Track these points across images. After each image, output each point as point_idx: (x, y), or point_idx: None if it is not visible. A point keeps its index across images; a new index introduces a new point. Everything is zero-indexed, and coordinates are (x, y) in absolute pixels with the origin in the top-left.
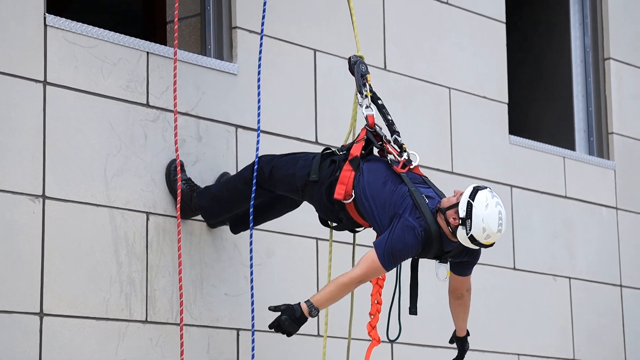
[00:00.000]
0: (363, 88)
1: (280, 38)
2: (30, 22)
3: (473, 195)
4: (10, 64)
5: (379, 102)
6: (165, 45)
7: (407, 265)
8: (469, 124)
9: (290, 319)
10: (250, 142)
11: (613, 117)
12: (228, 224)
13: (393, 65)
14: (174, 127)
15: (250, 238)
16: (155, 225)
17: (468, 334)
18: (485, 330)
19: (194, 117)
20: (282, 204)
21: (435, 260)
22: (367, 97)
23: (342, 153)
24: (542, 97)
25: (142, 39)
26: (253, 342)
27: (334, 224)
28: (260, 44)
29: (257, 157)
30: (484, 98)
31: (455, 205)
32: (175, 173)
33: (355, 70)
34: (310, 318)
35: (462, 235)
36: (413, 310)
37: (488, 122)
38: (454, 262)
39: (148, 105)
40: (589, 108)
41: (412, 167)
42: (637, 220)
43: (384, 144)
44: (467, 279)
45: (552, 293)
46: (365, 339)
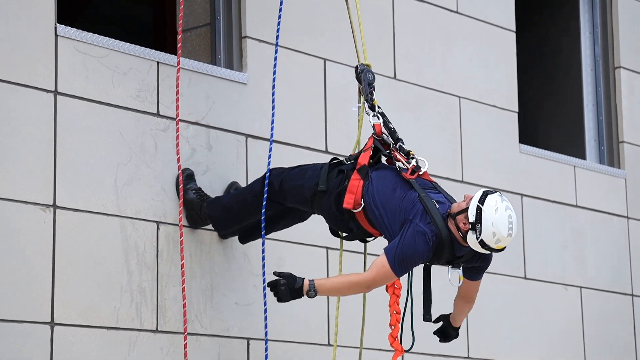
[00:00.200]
0: (370, 96)
1: (291, 47)
2: (41, 32)
3: (482, 200)
4: (21, 74)
5: (380, 109)
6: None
7: (419, 274)
8: (479, 133)
9: (288, 287)
10: (260, 151)
11: (624, 125)
12: (237, 235)
13: (403, 75)
14: (176, 137)
15: (263, 246)
16: (166, 235)
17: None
18: (497, 339)
19: (204, 126)
20: (291, 216)
21: (448, 266)
22: (374, 105)
23: (349, 162)
24: (552, 105)
25: (152, 49)
26: (266, 350)
27: (345, 234)
28: (275, 58)
29: (268, 170)
30: (494, 107)
31: (465, 210)
32: (185, 182)
33: (362, 79)
34: (306, 297)
35: (472, 240)
36: (427, 317)
37: (498, 131)
38: (466, 267)
39: (158, 115)
40: (600, 117)
41: (421, 173)
42: None
43: (392, 152)
44: (478, 283)
45: (563, 302)
46: (376, 348)
